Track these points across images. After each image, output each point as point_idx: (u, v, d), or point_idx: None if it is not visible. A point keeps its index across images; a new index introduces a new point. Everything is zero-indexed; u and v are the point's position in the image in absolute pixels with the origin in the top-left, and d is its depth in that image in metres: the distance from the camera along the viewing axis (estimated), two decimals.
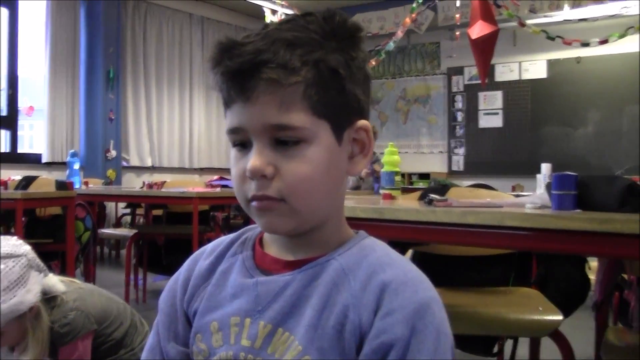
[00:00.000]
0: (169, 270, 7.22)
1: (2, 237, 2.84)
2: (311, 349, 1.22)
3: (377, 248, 1.32)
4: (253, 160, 1.23)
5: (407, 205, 2.82)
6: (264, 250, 1.39)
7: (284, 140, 1.23)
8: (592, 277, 3.58)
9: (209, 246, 1.48)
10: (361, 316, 1.21)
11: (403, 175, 12.67)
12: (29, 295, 2.72)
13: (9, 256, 2.72)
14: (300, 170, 1.23)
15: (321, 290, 1.26)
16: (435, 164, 13.92)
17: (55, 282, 2.92)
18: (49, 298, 2.87)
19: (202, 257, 1.46)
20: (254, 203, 1.26)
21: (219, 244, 1.46)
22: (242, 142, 1.28)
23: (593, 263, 3.71)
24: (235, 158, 1.30)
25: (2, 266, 2.68)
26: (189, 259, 1.48)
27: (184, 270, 1.46)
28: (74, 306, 2.87)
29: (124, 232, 8.92)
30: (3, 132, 10.65)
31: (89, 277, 6.49)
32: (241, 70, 1.22)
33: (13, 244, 2.81)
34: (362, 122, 1.33)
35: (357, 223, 2.64)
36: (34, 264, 2.82)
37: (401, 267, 1.27)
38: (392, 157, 3.86)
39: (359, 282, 1.24)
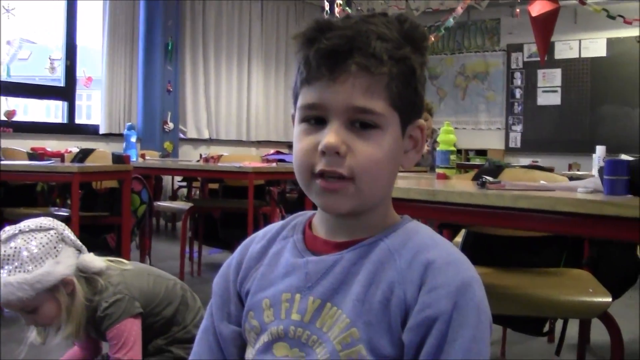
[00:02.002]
0: (225, 243, 7.28)
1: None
2: (358, 322, 1.28)
3: (421, 230, 1.39)
4: (329, 136, 1.28)
5: (460, 188, 2.83)
6: (313, 234, 1.44)
7: (362, 123, 1.30)
8: None
9: (260, 232, 1.54)
10: (406, 291, 1.27)
11: (460, 151, 12.64)
12: (58, 267, 2.72)
13: (39, 229, 2.74)
14: (373, 152, 1.30)
15: (368, 267, 1.32)
16: (493, 141, 13.84)
17: (93, 259, 2.90)
18: (90, 280, 2.86)
19: (254, 241, 1.52)
20: (319, 181, 1.31)
21: (270, 229, 1.52)
22: (315, 118, 1.33)
23: None
24: (304, 132, 1.35)
25: (31, 237, 2.70)
26: (241, 245, 1.54)
27: (237, 254, 1.52)
28: (117, 290, 2.86)
29: (180, 205, 8.95)
30: (60, 103, 10.75)
31: (144, 250, 6.55)
32: (336, 51, 1.28)
33: (43, 219, 2.82)
34: (420, 121, 1.41)
35: (410, 205, 2.67)
36: (67, 238, 2.81)
37: (444, 248, 1.34)
38: (447, 136, 3.87)
39: (404, 260, 1.31)
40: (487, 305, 1.29)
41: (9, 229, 2.74)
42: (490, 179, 2.81)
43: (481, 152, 13.50)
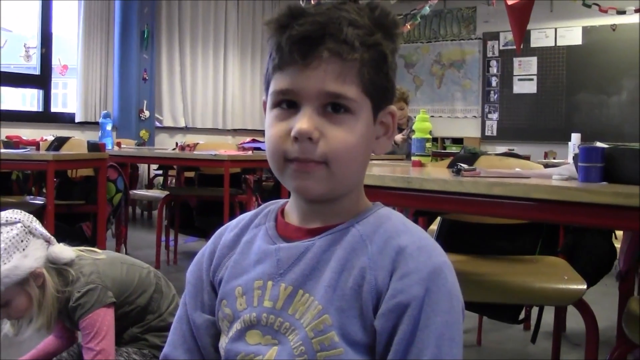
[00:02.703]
0: (201, 232, 7.28)
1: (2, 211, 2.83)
2: (330, 308, 1.28)
3: (393, 217, 1.40)
4: (301, 122, 1.29)
5: (435, 175, 2.83)
6: (285, 221, 1.45)
7: (333, 108, 1.31)
8: (618, 245, 3.58)
9: (233, 221, 1.54)
10: (377, 277, 1.28)
11: (436, 139, 12.69)
12: (26, 260, 2.71)
13: (5, 224, 2.72)
14: (346, 137, 1.31)
15: (340, 254, 1.33)
16: (469, 129, 13.89)
17: (63, 250, 2.89)
18: (60, 271, 2.86)
19: (227, 230, 1.53)
20: (293, 165, 1.32)
21: (243, 217, 1.53)
22: (288, 102, 1.33)
23: (619, 232, 3.70)
24: (276, 118, 1.35)
25: None
26: (215, 234, 1.55)
27: (210, 243, 1.53)
28: (89, 280, 2.85)
29: (156, 193, 8.96)
30: (36, 91, 10.69)
31: (120, 238, 6.53)
32: (308, 37, 1.29)
33: (9, 213, 2.80)
34: (391, 107, 1.43)
35: (385, 192, 2.67)
36: (34, 230, 2.80)
37: (416, 234, 1.35)
38: (423, 123, 3.86)
39: (375, 246, 1.32)
40: (458, 291, 1.30)
41: None
42: (465, 166, 2.80)
43: (457, 141, 13.56)
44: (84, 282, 2.84)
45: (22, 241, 2.73)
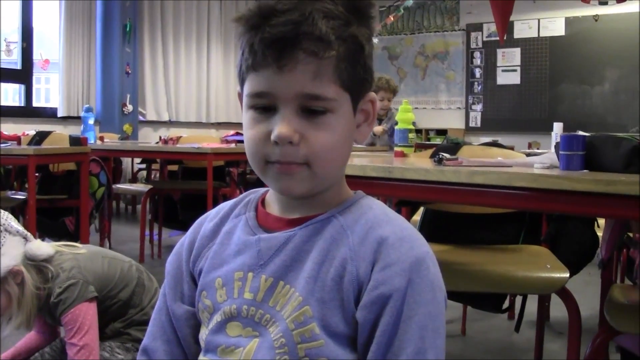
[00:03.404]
0: (184, 225, 7.24)
1: None
2: (311, 299, 1.27)
3: (374, 206, 1.38)
4: (281, 126, 1.27)
5: (417, 165, 2.83)
6: (266, 211, 1.43)
7: (311, 109, 1.28)
8: (600, 234, 3.60)
9: (213, 210, 1.53)
10: (359, 268, 1.27)
11: (420, 131, 12.71)
12: (4, 258, 2.69)
13: None
14: (326, 139, 1.29)
15: (321, 245, 1.31)
16: (453, 120, 13.88)
17: (40, 246, 2.87)
18: (39, 268, 2.83)
19: (206, 220, 1.51)
20: (275, 166, 1.30)
21: (223, 207, 1.51)
22: (264, 106, 1.31)
23: (601, 221, 3.72)
24: (254, 120, 1.33)
25: None
26: (194, 223, 1.53)
27: (190, 234, 1.51)
28: (70, 275, 2.83)
29: (140, 187, 8.94)
30: (17, 85, 10.65)
31: (104, 232, 6.54)
32: (282, 39, 1.25)
33: None
34: (371, 94, 1.40)
35: (367, 182, 2.67)
36: (10, 228, 2.78)
37: (397, 224, 1.33)
38: (406, 114, 3.86)
39: (357, 236, 1.30)
40: (441, 281, 1.29)
41: None
42: (447, 155, 2.80)
43: (441, 132, 13.54)
44: (64, 278, 2.83)
45: None
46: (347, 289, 1.26)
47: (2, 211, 2.83)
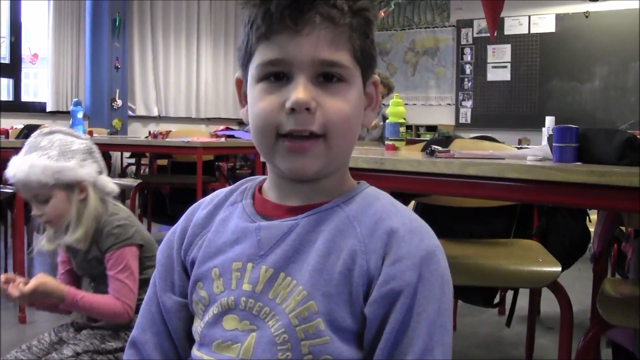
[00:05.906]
0: (174, 220, 7.22)
1: None
2: (316, 294, 1.23)
3: (381, 197, 1.36)
4: (298, 92, 1.24)
5: (409, 156, 2.81)
6: (264, 198, 1.40)
7: (328, 76, 1.27)
8: (591, 229, 3.59)
9: (207, 198, 1.50)
10: (369, 261, 1.24)
11: (410, 127, 12.70)
12: (81, 169, 2.82)
13: (77, 136, 2.91)
14: (342, 107, 1.28)
15: (326, 236, 1.28)
16: (443, 117, 13.89)
17: (109, 181, 3.00)
18: (103, 200, 2.95)
19: (200, 207, 1.47)
20: (285, 142, 1.27)
21: (218, 194, 1.48)
22: (276, 74, 1.28)
23: (593, 216, 3.72)
24: (265, 91, 1.29)
25: (62, 136, 2.85)
26: (187, 211, 1.50)
27: (182, 221, 1.48)
28: (125, 216, 2.95)
29: (129, 181, 8.90)
30: (5, 80, 10.61)
31: None
32: (299, 1, 1.23)
33: (81, 134, 3.05)
34: (375, 77, 1.39)
35: (358, 173, 2.64)
36: (94, 155, 2.94)
37: (406, 215, 1.31)
38: (397, 108, 3.84)
39: (365, 228, 1.27)
40: (449, 275, 1.27)
41: (50, 128, 2.92)
42: (439, 148, 2.79)
43: (431, 128, 13.53)
44: (122, 217, 2.94)
45: (83, 153, 2.87)
46: (356, 282, 1.23)
47: (94, 144, 3.00)
